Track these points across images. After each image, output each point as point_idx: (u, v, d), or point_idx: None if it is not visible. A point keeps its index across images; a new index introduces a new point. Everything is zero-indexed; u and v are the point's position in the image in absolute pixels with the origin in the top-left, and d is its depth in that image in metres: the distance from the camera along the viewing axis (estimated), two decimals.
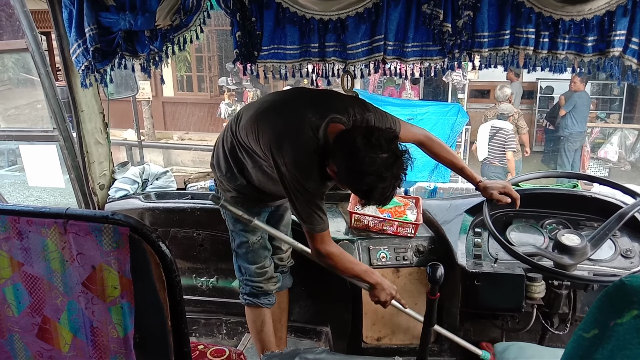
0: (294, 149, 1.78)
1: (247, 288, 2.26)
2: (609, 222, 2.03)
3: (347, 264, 1.96)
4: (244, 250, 2.21)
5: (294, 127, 1.81)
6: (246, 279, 2.25)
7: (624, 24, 1.90)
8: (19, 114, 6.15)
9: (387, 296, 2.00)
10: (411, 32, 2.07)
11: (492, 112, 7.03)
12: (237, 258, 2.26)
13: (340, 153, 1.70)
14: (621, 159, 9.11)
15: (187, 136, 12.20)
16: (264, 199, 2.15)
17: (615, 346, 0.89)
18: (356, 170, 1.65)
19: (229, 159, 2.05)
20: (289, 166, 1.78)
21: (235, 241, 2.23)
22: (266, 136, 1.84)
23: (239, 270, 2.28)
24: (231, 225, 2.22)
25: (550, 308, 2.08)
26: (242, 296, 2.30)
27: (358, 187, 1.71)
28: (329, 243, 1.91)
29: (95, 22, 2.11)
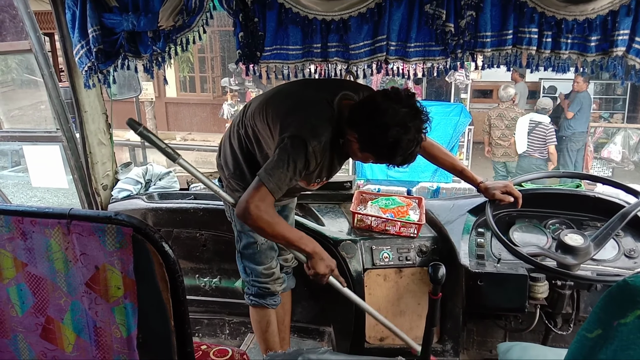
0: (307, 114, 1.78)
1: (253, 289, 2.24)
2: (612, 221, 2.02)
3: (277, 228, 1.80)
4: (252, 251, 2.17)
5: (306, 101, 1.84)
6: (252, 280, 2.22)
7: (627, 24, 1.89)
8: (23, 115, 6.17)
9: (326, 269, 1.87)
10: (414, 32, 2.07)
11: (496, 112, 7.03)
12: (243, 259, 2.23)
13: (361, 114, 1.71)
14: (624, 159, 9.08)
15: (190, 137, 12.21)
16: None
17: (619, 346, 0.89)
18: (380, 125, 1.64)
19: (237, 155, 2.04)
20: (296, 127, 1.74)
21: (242, 242, 2.19)
22: (276, 112, 1.84)
23: (244, 271, 2.25)
24: (239, 226, 2.17)
25: (554, 308, 2.07)
26: (247, 297, 2.28)
27: (383, 142, 1.66)
28: (266, 205, 1.76)
29: (99, 23, 2.12)
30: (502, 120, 6.97)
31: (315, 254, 1.86)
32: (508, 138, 7.01)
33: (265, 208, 1.77)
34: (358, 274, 2.35)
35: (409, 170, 4.28)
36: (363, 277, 2.35)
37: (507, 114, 6.94)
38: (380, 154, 1.75)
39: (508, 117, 6.94)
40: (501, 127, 7.00)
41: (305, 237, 1.88)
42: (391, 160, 1.74)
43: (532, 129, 6.68)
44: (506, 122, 6.95)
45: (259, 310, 2.27)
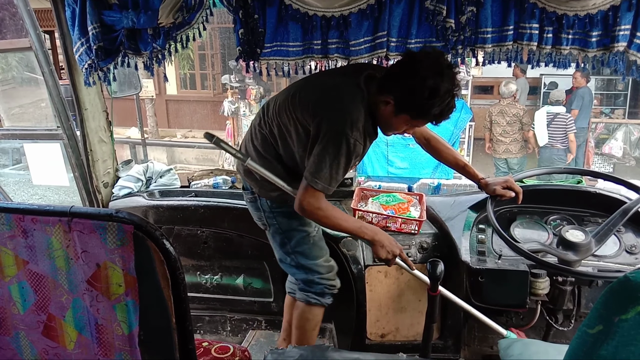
0: (341, 104, 1.80)
1: (317, 287, 2.12)
2: (613, 217, 2.02)
3: (335, 220, 1.87)
4: (306, 246, 2.08)
5: (337, 89, 1.86)
6: (318, 278, 2.11)
7: (629, 19, 1.88)
8: (23, 113, 6.17)
9: (388, 254, 1.91)
10: (414, 29, 2.06)
11: (497, 108, 7.01)
12: (298, 258, 2.10)
13: (395, 74, 1.76)
14: (626, 155, 9.07)
15: (191, 134, 12.22)
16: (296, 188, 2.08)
17: (620, 342, 0.89)
18: (417, 76, 1.69)
19: (265, 156, 2.00)
20: (334, 121, 1.77)
21: (293, 240, 2.08)
22: (307, 105, 1.85)
23: (302, 271, 2.12)
24: (285, 225, 2.08)
25: (555, 304, 2.07)
26: (306, 295, 2.14)
27: (421, 94, 1.69)
28: (318, 201, 1.83)
29: (98, 21, 2.11)
30: (504, 116, 6.96)
31: (376, 241, 1.90)
32: (509, 134, 7.01)
33: (317, 204, 1.83)
34: (359, 271, 2.35)
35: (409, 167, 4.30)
36: (364, 274, 2.36)
37: (509, 110, 6.93)
38: (418, 108, 1.76)
39: (509, 113, 6.93)
40: (502, 124, 6.99)
41: (364, 226, 1.93)
42: (429, 113, 1.75)
43: (551, 121, 6.86)
44: (507, 118, 6.94)
45: (315, 309, 2.16)
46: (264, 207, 2.09)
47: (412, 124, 1.85)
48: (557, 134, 6.92)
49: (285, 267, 2.19)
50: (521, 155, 7.12)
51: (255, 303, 2.78)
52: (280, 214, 2.07)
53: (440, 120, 1.80)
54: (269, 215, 2.09)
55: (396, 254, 1.93)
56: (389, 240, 1.92)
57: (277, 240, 2.13)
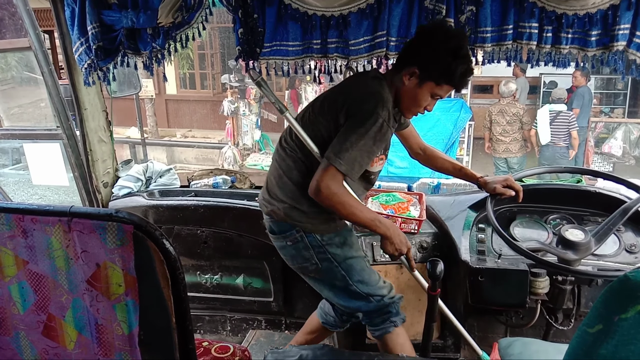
0: (367, 86, 1.83)
1: (393, 308, 2.00)
2: (613, 217, 2.02)
3: (351, 208, 1.78)
4: (365, 273, 1.96)
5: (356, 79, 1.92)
6: (387, 301, 1.99)
7: (628, 18, 1.88)
8: (23, 113, 6.17)
9: (395, 251, 1.85)
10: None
11: (497, 108, 7.02)
12: (360, 287, 1.95)
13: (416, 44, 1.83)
14: (625, 154, 9.08)
15: (191, 134, 12.23)
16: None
17: (620, 341, 0.89)
18: (437, 40, 1.76)
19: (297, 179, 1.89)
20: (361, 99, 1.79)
21: (352, 270, 1.94)
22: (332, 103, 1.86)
23: (369, 301, 1.97)
24: (340, 256, 1.92)
25: (555, 303, 2.07)
26: (386, 325, 2.01)
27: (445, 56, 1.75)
28: (336, 184, 1.74)
29: (98, 20, 2.11)
30: (504, 116, 6.96)
31: (387, 237, 1.83)
32: (509, 134, 7.02)
33: (335, 188, 1.74)
34: None
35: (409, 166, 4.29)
36: None
37: (509, 109, 6.93)
38: (444, 71, 1.79)
39: (509, 112, 6.93)
40: (502, 123, 6.99)
41: (379, 219, 1.84)
42: (455, 74, 1.78)
43: (554, 119, 6.92)
44: (507, 117, 6.95)
45: (401, 329, 2.04)
46: (313, 243, 1.91)
47: (436, 92, 1.85)
48: (560, 132, 6.97)
49: (347, 304, 2.01)
50: (521, 155, 7.13)
51: (255, 303, 2.78)
52: (332, 245, 1.92)
53: (462, 84, 1.84)
54: (320, 250, 1.92)
55: (403, 252, 1.87)
56: (399, 238, 1.86)
57: (332, 277, 1.96)
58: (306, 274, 2.02)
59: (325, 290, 2.02)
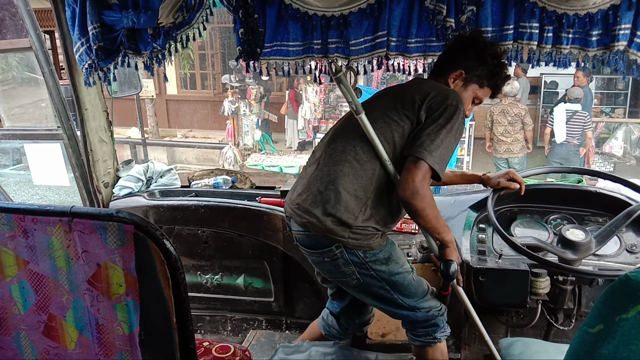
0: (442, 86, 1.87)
1: (439, 320, 1.90)
2: (616, 219, 2.01)
3: (435, 212, 1.72)
4: (412, 287, 1.85)
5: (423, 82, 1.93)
6: (434, 314, 1.88)
7: (629, 18, 1.88)
8: (23, 113, 6.17)
9: (458, 259, 1.80)
10: (414, 28, 2.06)
11: (498, 108, 7.00)
12: (407, 301, 1.85)
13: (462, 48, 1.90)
14: (626, 154, 9.08)
15: (191, 134, 12.23)
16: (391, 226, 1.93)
17: (621, 341, 0.89)
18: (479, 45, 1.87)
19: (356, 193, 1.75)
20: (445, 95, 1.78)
21: (398, 285, 1.82)
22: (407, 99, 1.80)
23: (426, 313, 1.87)
24: (386, 273, 1.80)
25: (555, 303, 2.07)
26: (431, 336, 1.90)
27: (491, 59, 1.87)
28: (429, 186, 1.69)
29: (98, 21, 2.11)
30: (505, 116, 6.94)
31: (452, 243, 1.80)
32: (511, 134, 7.00)
33: (429, 189, 1.69)
34: None
35: None
36: None
37: (511, 110, 6.91)
38: (489, 73, 1.90)
39: (511, 113, 6.90)
40: (504, 123, 6.97)
41: (447, 225, 1.81)
42: (497, 77, 1.91)
43: (570, 118, 7.01)
44: (509, 118, 6.92)
45: (444, 344, 1.95)
46: (354, 260, 1.76)
47: (478, 94, 1.93)
48: (574, 131, 7.05)
49: (392, 312, 1.92)
50: (522, 155, 7.13)
51: (256, 303, 2.78)
52: (376, 262, 1.79)
53: (502, 88, 1.96)
54: (363, 267, 1.78)
55: (460, 262, 1.84)
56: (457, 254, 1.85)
57: (376, 292, 1.84)
58: (347, 285, 1.91)
59: (369, 299, 1.92)
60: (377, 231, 1.78)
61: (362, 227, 1.74)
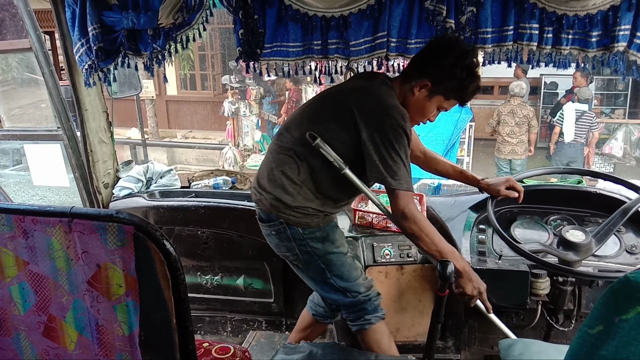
0: (383, 99, 1.83)
1: (371, 305, 2.02)
2: (613, 217, 2.02)
3: (435, 235, 1.79)
4: (345, 268, 1.98)
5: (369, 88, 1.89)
6: (362, 299, 2.01)
7: (629, 19, 1.88)
8: (23, 114, 6.17)
9: (474, 290, 1.79)
10: (414, 29, 2.06)
11: (507, 108, 6.95)
12: (339, 283, 1.99)
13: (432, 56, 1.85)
14: (626, 155, 9.08)
15: (191, 134, 12.23)
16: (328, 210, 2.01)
17: (621, 342, 0.89)
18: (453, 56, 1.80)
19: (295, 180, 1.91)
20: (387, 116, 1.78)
21: (331, 264, 1.97)
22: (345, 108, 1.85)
23: (344, 296, 2.00)
24: (321, 250, 1.96)
25: (555, 304, 2.07)
26: (363, 320, 2.03)
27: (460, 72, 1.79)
28: (414, 205, 1.80)
29: (98, 21, 2.11)
30: (514, 117, 6.87)
31: (465, 272, 1.79)
32: (517, 135, 6.94)
33: (416, 209, 1.81)
34: None
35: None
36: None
37: (519, 111, 6.86)
38: (456, 87, 1.84)
39: (520, 114, 6.85)
40: (511, 124, 6.91)
41: (457, 252, 1.84)
42: (467, 91, 1.85)
43: (578, 118, 7.08)
44: (517, 119, 6.86)
45: (379, 325, 2.05)
46: (295, 236, 1.95)
47: (443, 105, 1.90)
48: (582, 131, 7.12)
49: (325, 295, 2.08)
50: (525, 157, 7.10)
51: (256, 303, 2.78)
52: (313, 240, 1.95)
53: (470, 99, 1.91)
54: (301, 243, 1.95)
55: (482, 291, 1.81)
56: (476, 276, 1.82)
57: (312, 269, 2.00)
58: (289, 261, 2.08)
59: (307, 278, 2.08)
60: (318, 212, 1.94)
61: (302, 208, 1.91)
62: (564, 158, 7.22)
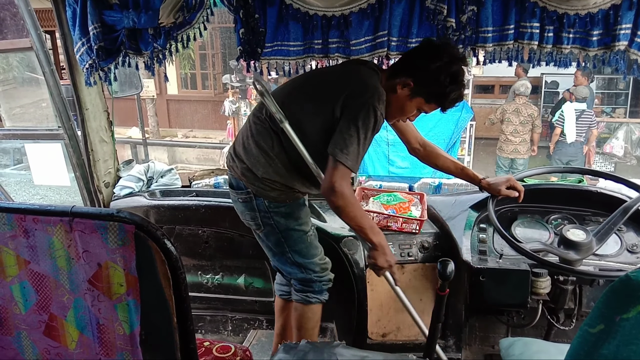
0: (363, 78, 1.86)
1: (318, 286, 2.11)
2: (614, 216, 2.02)
3: (357, 211, 1.87)
4: (303, 245, 2.07)
5: (352, 70, 1.92)
6: (314, 276, 2.10)
7: (630, 18, 1.88)
8: (24, 113, 6.17)
9: (385, 263, 1.92)
10: (415, 28, 2.06)
11: (512, 106, 6.94)
12: (296, 258, 2.08)
13: (420, 56, 1.83)
14: (627, 154, 9.07)
15: (192, 134, 12.23)
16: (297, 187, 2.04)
17: (621, 341, 0.89)
18: (441, 60, 1.77)
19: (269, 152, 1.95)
20: (359, 92, 1.80)
21: (291, 239, 2.05)
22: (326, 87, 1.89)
23: (299, 271, 2.10)
24: (282, 225, 2.03)
25: (556, 303, 2.07)
26: (305, 295, 2.13)
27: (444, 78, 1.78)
28: (348, 184, 1.83)
29: (99, 21, 2.12)
30: (518, 116, 6.85)
31: (380, 247, 1.90)
32: (520, 134, 6.92)
33: (347, 187, 1.82)
34: (360, 270, 2.35)
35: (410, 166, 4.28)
36: (365, 274, 2.35)
37: (524, 110, 6.85)
38: (437, 92, 1.83)
39: (524, 113, 6.83)
40: (515, 123, 6.90)
41: (375, 228, 1.93)
42: (447, 98, 1.83)
43: (578, 117, 7.11)
44: (521, 118, 6.85)
45: (315, 307, 2.16)
46: (260, 207, 2.01)
47: (423, 108, 1.90)
48: (581, 130, 7.15)
49: (281, 266, 2.17)
50: (527, 157, 7.09)
51: (257, 302, 2.78)
52: (277, 214, 2.01)
53: (451, 106, 1.89)
54: (265, 215, 2.02)
55: (392, 264, 1.94)
56: (389, 250, 1.94)
57: (272, 241, 2.08)
58: (252, 229, 2.13)
59: (266, 248, 2.15)
60: (286, 188, 1.98)
61: (271, 181, 1.96)
62: (563, 157, 7.23)
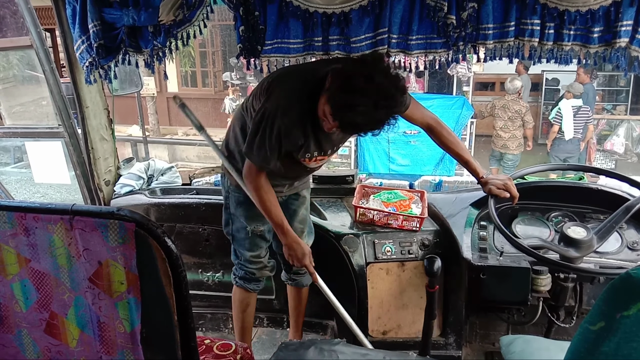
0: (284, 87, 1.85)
1: (240, 272, 2.34)
2: (616, 215, 2.02)
3: (266, 205, 2.00)
4: (242, 236, 2.24)
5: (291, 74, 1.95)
6: (240, 264, 2.32)
7: (631, 14, 1.87)
8: (24, 111, 6.17)
9: (291, 259, 2.11)
10: (415, 25, 2.05)
11: (501, 102, 7.04)
12: (234, 241, 2.31)
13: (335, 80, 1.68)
14: (628, 151, 9.07)
15: (192, 132, 12.21)
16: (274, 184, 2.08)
17: (622, 338, 0.89)
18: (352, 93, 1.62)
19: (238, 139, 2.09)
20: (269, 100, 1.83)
21: (234, 225, 2.26)
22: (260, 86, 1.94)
23: (234, 253, 2.34)
24: (233, 209, 2.23)
25: (557, 301, 2.07)
26: (234, 277, 2.38)
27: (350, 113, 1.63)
28: (257, 179, 1.96)
29: (99, 18, 2.11)
30: (506, 111, 6.97)
31: (278, 227, 2.06)
32: (509, 130, 7.04)
33: (258, 182, 1.97)
34: (360, 268, 2.35)
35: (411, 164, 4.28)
36: (365, 271, 2.36)
37: (512, 106, 6.95)
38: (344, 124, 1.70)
39: (512, 109, 6.94)
40: (504, 118, 7.02)
41: (284, 227, 2.05)
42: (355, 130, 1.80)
43: (576, 113, 7.18)
44: (509, 113, 6.96)
45: (242, 292, 2.38)
46: (225, 185, 2.24)
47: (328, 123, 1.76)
48: (579, 126, 7.20)
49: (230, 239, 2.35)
50: (518, 152, 7.17)
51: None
52: (232, 198, 2.21)
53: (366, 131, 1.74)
54: (226, 195, 2.25)
55: (302, 263, 2.10)
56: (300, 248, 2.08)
57: (224, 218, 2.29)
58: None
59: (223, 224, 2.32)
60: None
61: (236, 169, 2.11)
62: (561, 153, 7.29)
